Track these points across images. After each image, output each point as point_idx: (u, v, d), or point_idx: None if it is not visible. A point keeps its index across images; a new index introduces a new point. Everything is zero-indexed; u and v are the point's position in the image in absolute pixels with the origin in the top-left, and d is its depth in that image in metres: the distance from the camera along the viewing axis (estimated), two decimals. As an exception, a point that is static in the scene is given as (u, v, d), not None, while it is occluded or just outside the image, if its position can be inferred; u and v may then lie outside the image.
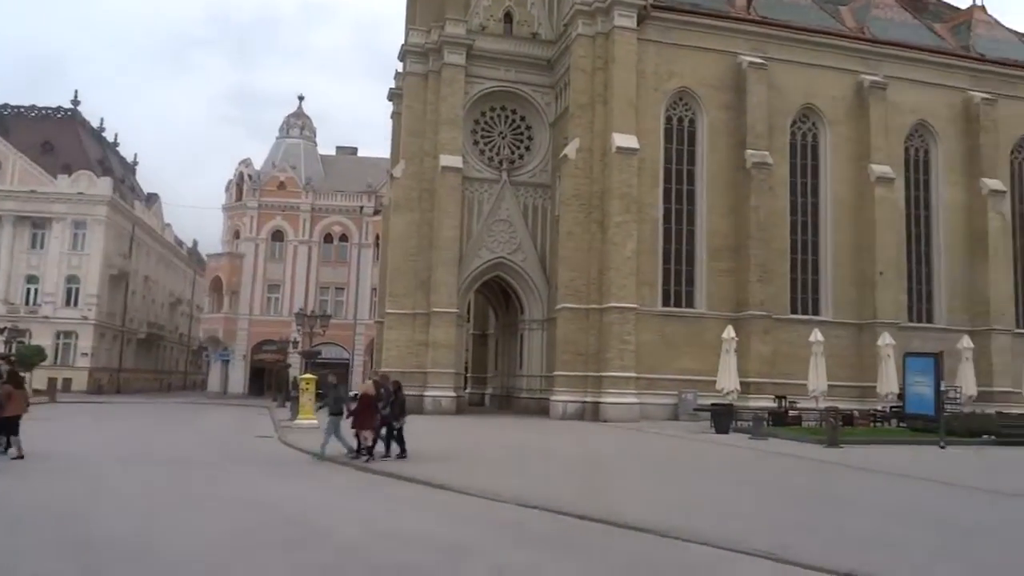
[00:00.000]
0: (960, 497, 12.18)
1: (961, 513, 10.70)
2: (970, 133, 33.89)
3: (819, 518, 9.73)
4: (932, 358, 23.50)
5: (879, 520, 9.65)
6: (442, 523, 8.97)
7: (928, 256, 33.62)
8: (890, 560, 7.32)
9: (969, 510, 11.02)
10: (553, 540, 8.18)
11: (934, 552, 7.86)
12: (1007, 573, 7.36)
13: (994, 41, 36.71)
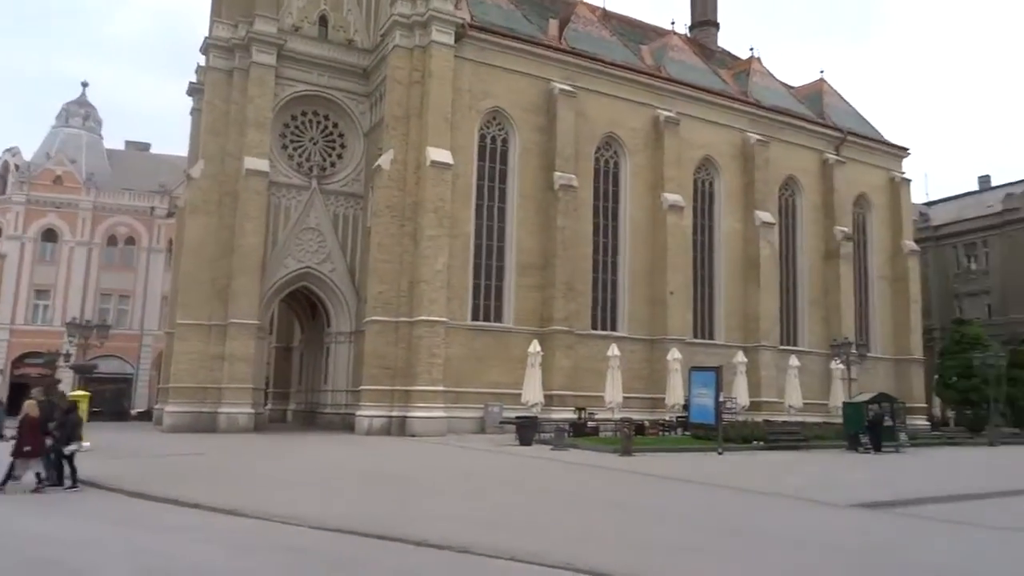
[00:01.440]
0: (742, 500, 13.30)
1: (748, 516, 11.65)
2: (747, 170, 37.80)
3: (613, 526, 10.12)
4: (713, 372, 25.73)
5: (666, 526, 10.24)
6: (222, 553, 8.21)
7: (711, 279, 36.91)
8: (677, 563, 7.72)
9: (756, 513, 12.04)
10: (346, 565, 7.77)
11: (722, 556, 8.41)
12: (762, 567, 8.03)
13: (768, 90, 41.38)
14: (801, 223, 40.23)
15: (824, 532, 10.23)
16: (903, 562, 8.28)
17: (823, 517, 11.60)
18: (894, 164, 44.41)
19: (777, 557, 8.35)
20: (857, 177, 42.18)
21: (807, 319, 39.41)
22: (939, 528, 10.87)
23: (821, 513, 11.96)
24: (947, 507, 12.76)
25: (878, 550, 9.04)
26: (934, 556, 8.76)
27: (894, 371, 41.61)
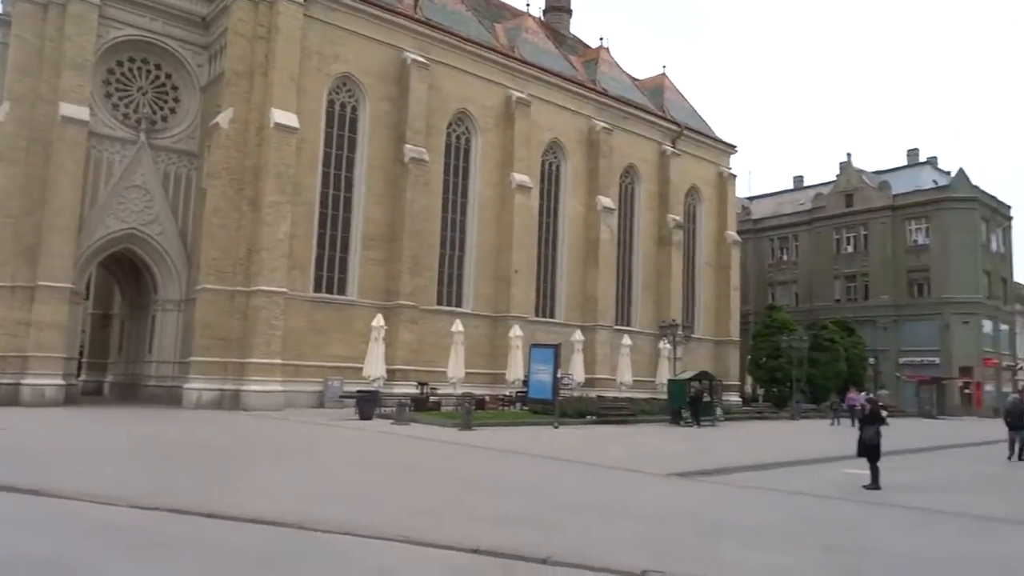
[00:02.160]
0: (573, 471, 13.92)
1: (578, 487, 12.21)
2: (592, 156, 39.21)
3: (450, 498, 10.28)
4: (552, 349, 26.67)
5: (501, 497, 10.54)
6: (32, 538, 7.48)
7: (554, 259, 38.09)
8: (511, 534, 7.97)
9: (586, 483, 12.64)
10: (175, 543, 7.35)
11: (551, 526, 8.77)
12: (580, 533, 8.51)
13: (614, 80, 43.01)
14: (639, 210, 42.39)
15: (645, 500, 10.96)
16: (710, 523, 9.05)
17: (645, 486, 12.42)
18: (723, 160, 47.80)
19: (600, 524, 8.85)
20: (690, 170, 45.02)
21: (640, 301, 41.74)
22: (745, 493, 11.97)
23: (644, 482, 12.79)
24: (753, 475, 14.10)
25: (690, 514, 9.82)
26: (737, 517, 9.64)
27: (714, 351, 45.14)
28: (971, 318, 51.09)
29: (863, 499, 11.49)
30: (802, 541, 8.29)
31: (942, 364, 50.62)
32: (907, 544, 8.43)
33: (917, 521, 9.94)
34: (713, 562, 7.13)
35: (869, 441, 12.55)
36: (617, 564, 6.84)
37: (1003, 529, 8.98)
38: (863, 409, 13.95)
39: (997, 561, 7.64)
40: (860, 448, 12.75)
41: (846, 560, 7.41)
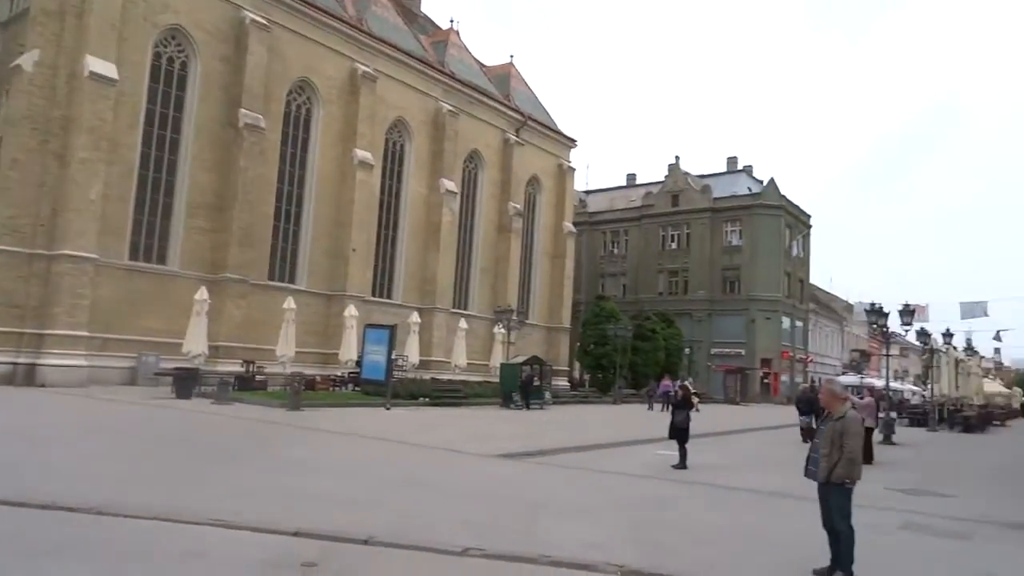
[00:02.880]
0: (400, 452, 13.88)
1: (402, 467, 12.18)
2: (437, 138, 39.07)
3: (269, 480, 9.91)
4: (387, 330, 26.38)
5: (324, 478, 10.32)
6: None
7: (395, 239, 37.65)
8: (332, 515, 7.82)
9: (410, 464, 12.63)
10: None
11: (373, 507, 8.69)
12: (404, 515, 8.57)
13: (463, 63, 43.05)
14: (481, 196, 42.84)
15: (471, 480, 11.18)
16: (531, 502, 9.40)
17: (472, 467, 12.65)
18: (564, 153, 49.38)
19: (424, 504, 8.91)
20: (532, 160, 46.11)
21: (478, 286, 42.30)
22: (566, 473, 12.53)
23: (471, 463, 13.02)
24: (574, 456, 14.78)
25: (513, 493, 10.14)
26: (557, 496, 10.09)
27: (546, 337, 46.71)
28: (772, 315, 56.52)
29: (671, 478, 12.40)
30: (613, 517, 8.80)
31: (747, 355, 55.65)
32: (704, 517, 9.20)
33: (715, 497, 10.88)
34: (530, 538, 7.40)
35: (679, 424, 13.54)
36: (439, 542, 6.93)
37: (785, 503, 10.04)
38: (675, 395, 14.99)
39: (774, 530, 8.52)
40: (671, 431, 13.73)
41: (650, 533, 7.97)
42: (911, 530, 8.85)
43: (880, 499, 10.88)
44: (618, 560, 6.63)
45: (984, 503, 11.29)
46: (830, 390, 6.95)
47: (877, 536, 8.05)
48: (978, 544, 8.38)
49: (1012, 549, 8.25)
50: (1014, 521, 9.71)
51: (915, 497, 11.54)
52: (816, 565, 6.50)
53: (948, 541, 8.46)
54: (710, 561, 6.88)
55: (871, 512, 9.45)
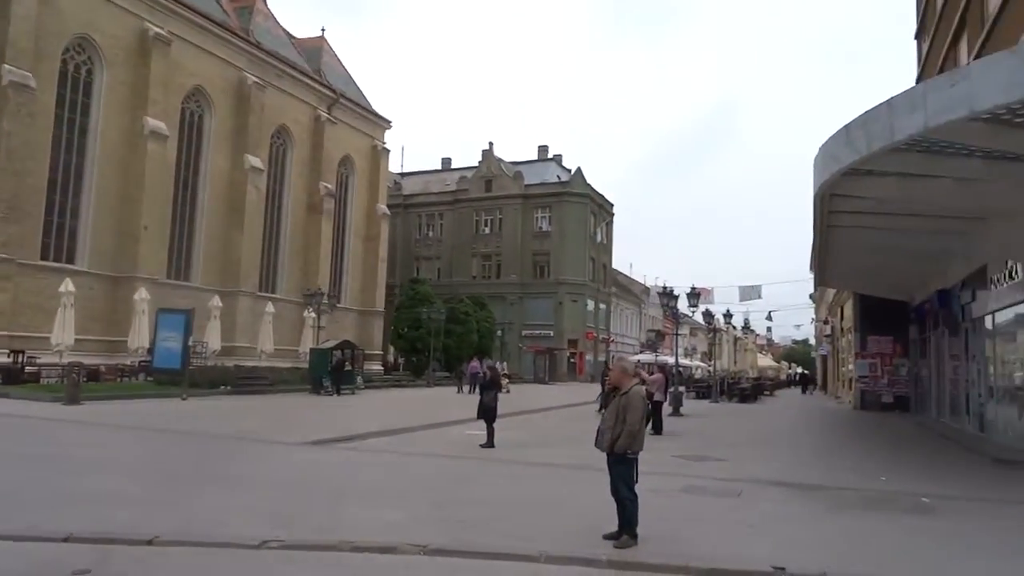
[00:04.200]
0: (198, 444, 13.01)
1: (197, 461, 11.41)
2: (241, 111, 36.81)
3: (37, 480, 8.90)
4: (184, 315, 24.59)
5: (103, 476, 9.45)
6: None
7: (192, 217, 35.08)
8: (112, 516, 7.18)
9: (214, 456, 11.86)
10: None
11: (159, 505, 8.07)
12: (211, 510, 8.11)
13: (270, 34, 40.85)
14: (290, 174, 41.05)
15: (275, 470, 10.74)
16: (336, 489, 9.21)
17: (277, 456, 12.16)
18: (378, 133, 48.54)
19: (221, 498, 8.45)
20: (345, 139, 44.88)
21: (287, 268, 40.60)
22: (374, 458, 12.42)
23: (275, 452, 12.51)
24: (384, 440, 14.68)
25: (319, 481, 9.89)
26: (363, 481, 9.98)
27: (360, 321, 45.90)
28: (579, 297, 59.56)
29: (478, 456, 12.69)
30: (418, 497, 8.85)
31: (555, 337, 58.22)
32: (507, 493, 9.52)
33: (519, 473, 11.29)
34: (333, 525, 7.24)
35: (487, 405, 13.87)
36: (234, 536, 6.59)
37: (583, 475, 10.62)
38: (484, 376, 15.33)
39: (572, 500, 9.01)
40: (479, 411, 14.03)
41: (454, 511, 8.11)
42: (690, 492, 9.73)
43: (666, 466, 11.85)
44: (422, 540, 6.67)
45: (752, 465, 12.66)
46: (621, 367, 7.43)
47: (661, 499, 8.77)
48: (745, 500, 9.38)
49: (772, 503, 9.32)
50: (775, 479, 10.98)
51: (696, 463, 12.70)
52: (606, 531, 6.94)
53: (721, 499, 9.40)
54: (511, 532, 7.13)
55: (658, 478, 10.26)
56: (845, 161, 11.89)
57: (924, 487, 10.53)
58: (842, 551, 6.96)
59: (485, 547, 6.63)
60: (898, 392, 30.30)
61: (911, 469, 12.95)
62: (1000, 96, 9.05)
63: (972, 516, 8.87)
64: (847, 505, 9.26)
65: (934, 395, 24.35)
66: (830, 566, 6.23)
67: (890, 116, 10.54)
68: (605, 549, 6.62)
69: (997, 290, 15.36)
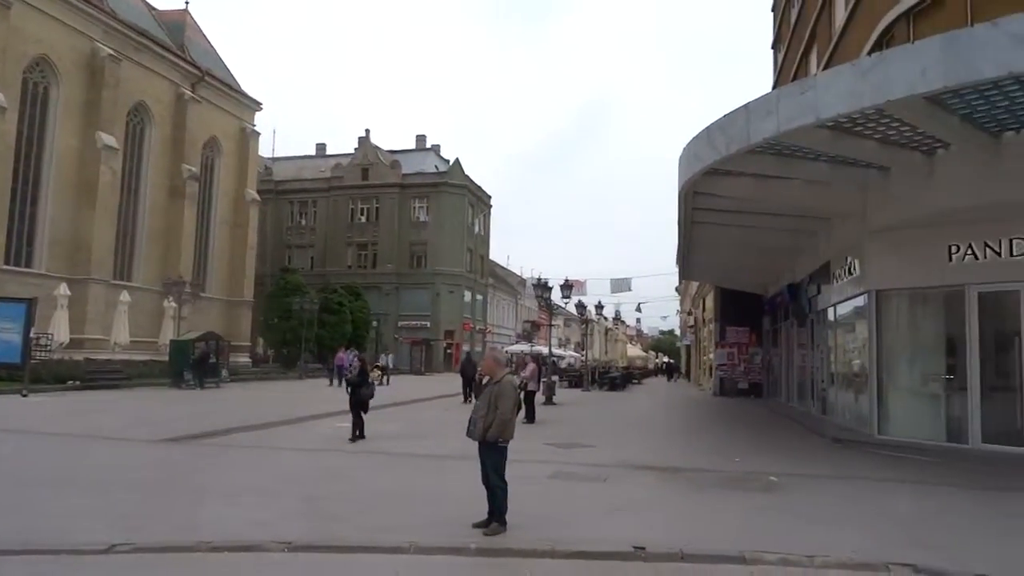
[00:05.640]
0: (37, 444, 11.98)
1: (41, 462, 10.51)
2: (94, 85, 34.11)
3: None
4: (24, 304, 22.57)
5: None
6: None
7: (35, 198, 32.22)
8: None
9: (53, 457, 10.94)
10: None
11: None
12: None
13: (127, 3, 38.03)
14: (149, 155, 38.52)
15: (128, 469, 10.08)
16: (197, 487, 8.77)
17: (130, 454, 11.42)
18: (247, 115, 46.39)
19: (66, 501, 7.84)
20: (211, 119, 42.59)
21: (145, 255, 38.12)
22: (239, 454, 11.90)
23: (129, 450, 11.75)
24: (250, 435, 14.11)
25: (177, 480, 9.37)
26: (227, 479, 9.55)
27: (226, 311, 43.81)
28: (456, 288, 59.61)
29: (348, 449, 12.45)
30: (285, 493, 8.57)
31: (432, 327, 58.03)
32: (377, 485, 9.39)
33: (390, 464, 11.17)
34: (191, 525, 6.89)
35: (358, 396, 13.60)
36: (79, 542, 6.14)
37: (455, 464, 10.65)
38: (352, 368, 14.99)
39: (443, 490, 9.01)
40: (351, 403, 13.75)
41: (322, 506, 7.92)
42: (560, 478, 9.97)
43: (538, 453, 12.09)
44: (286, 536, 6.47)
45: (619, 450, 13.16)
46: (494, 357, 7.50)
47: (531, 486, 8.94)
48: (611, 484, 9.73)
49: (636, 486, 9.73)
50: (639, 463, 11.46)
51: (565, 449, 13.04)
52: (476, 519, 6.99)
53: (588, 484, 9.70)
54: (379, 525, 7.04)
55: (529, 465, 10.46)
56: (707, 161, 12.54)
57: (773, 466, 11.32)
58: (699, 529, 7.37)
59: (353, 541, 6.52)
60: (752, 379, 32.44)
61: (762, 450, 13.88)
62: (842, 105, 9.82)
63: (813, 491, 9.62)
64: (705, 486, 9.80)
65: (784, 381, 26.23)
66: (687, 544, 6.56)
67: (747, 120, 11.20)
68: (475, 537, 6.67)
69: (838, 284, 16.72)
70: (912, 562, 6.20)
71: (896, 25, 14.71)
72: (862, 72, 9.64)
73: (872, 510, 8.52)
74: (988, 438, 12.41)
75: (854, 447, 13.79)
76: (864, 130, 11.03)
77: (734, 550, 6.43)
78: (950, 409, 13.29)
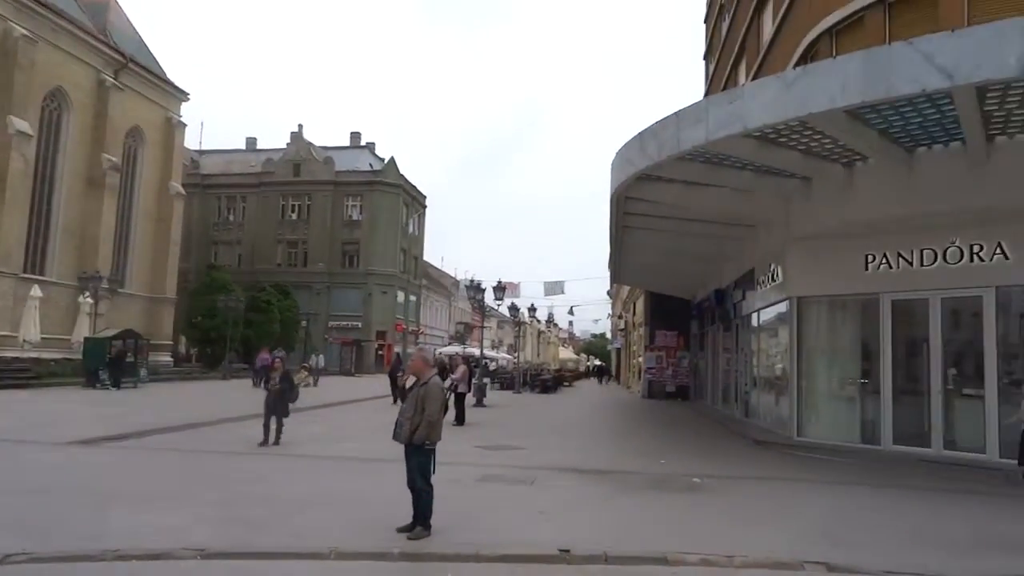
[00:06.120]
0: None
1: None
2: (5, 67, 32.27)
3: None
4: (-77, 297, 21.16)
5: None
6: None
7: (-62, 185, 30.28)
8: None
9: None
10: None
11: None
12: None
13: (44, -17, 36.13)
14: (66, 142, 36.65)
15: (30, 474, 9.52)
16: (107, 493, 8.35)
17: (34, 458, 10.79)
18: (173, 105, 44.72)
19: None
20: (134, 108, 40.88)
21: (59, 248, 36.22)
22: (153, 457, 11.42)
23: (33, 454, 11.11)
24: (167, 437, 13.56)
25: (85, 484, 8.90)
26: (139, 483, 9.13)
27: (148, 308, 42.06)
28: (389, 289, 58.96)
29: (269, 453, 12.08)
30: (201, 498, 8.24)
31: (363, 328, 57.20)
32: (298, 489, 9.11)
33: (313, 468, 10.88)
34: (97, 533, 6.53)
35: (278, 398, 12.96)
36: (-32, 553, 5.72)
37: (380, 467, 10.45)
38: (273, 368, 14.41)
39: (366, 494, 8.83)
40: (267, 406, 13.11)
41: (239, 511, 7.64)
42: (487, 481, 9.91)
43: (466, 456, 12.01)
44: (200, 543, 6.20)
45: (548, 452, 13.18)
46: (422, 357, 7.38)
47: (459, 489, 8.84)
48: (538, 487, 9.73)
49: (563, 488, 9.75)
50: (567, 466, 11.50)
51: (495, 452, 12.99)
52: (400, 524, 6.86)
53: (516, 487, 9.67)
54: (299, 531, 6.83)
55: (457, 468, 10.36)
56: (639, 166, 12.71)
57: (697, 467, 11.54)
58: (623, 531, 7.42)
59: (271, 547, 6.31)
60: (680, 382, 33.13)
61: (687, 452, 14.15)
62: (767, 116, 10.09)
63: (734, 492, 9.84)
64: (631, 488, 9.90)
65: (709, 384, 26.88)
66: (611, 545, 6.60)
67: (678, 127, 11.40)
68: (398, 542, 6.55)
69: (762, 291, 17.22)
70: (826, 560, 6.39)
71: (820, 41, 15.25)
72: (787, 84, 9.94)
73: (789, 510, 8.76)
74: (899, 440, 12.97)
75: (774, 449, 14.20)
76: (788, 141, 11.38)
77: (657, 551, 6.49)
78: (865, 412, 13.83)
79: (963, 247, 12.28)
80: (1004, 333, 12.01)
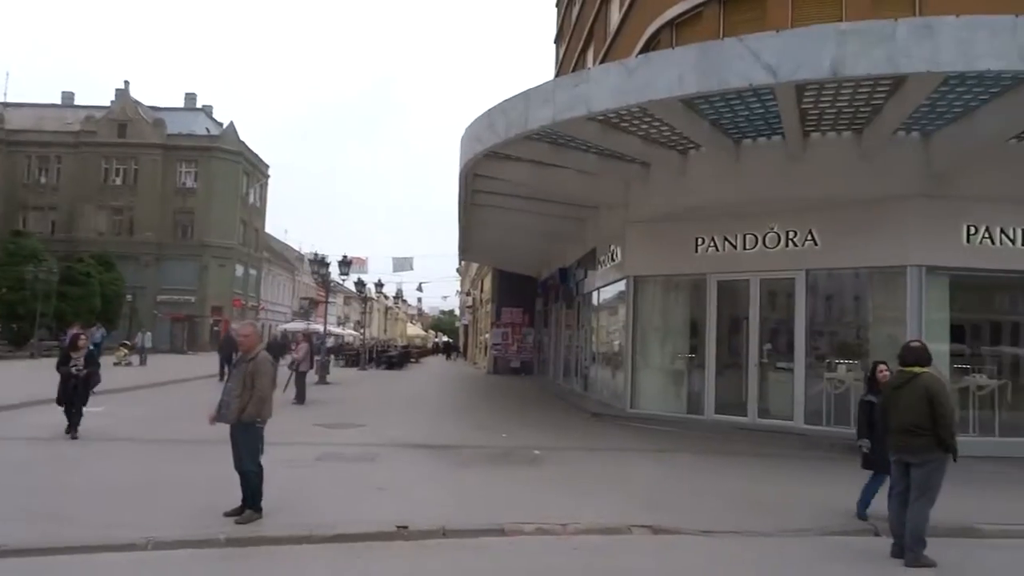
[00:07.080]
0: None
1: None
2: None
3: None
4: None
5: None
6: None
7: None
8: None
9: None
10: None
11: None
12: None
13: None
14: None
15: None
16: None
17: None
18: (-29, 49, 39.49)
19: None
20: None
21: None
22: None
23: None
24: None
25: None
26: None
27: (-63, 279, 37.18)
28: (226, 262, 55.74)
29: (86, 438, 11.03)
30: (1, 489, 7.40)
31: (197, 303, 53.77)
32: (116, 475, 8.40)
33: (132, 453, 10.08)
34: None
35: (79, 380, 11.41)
36: None
37: (206, 449, 9.88)
38: (72, 345, 12.74)
39: (191, 478, 8.30)
40: (60, 390, 11.56)
41: (43, 502, 6.94)
42: (326, 460, 9.63)
43: (305, 435, 11.62)
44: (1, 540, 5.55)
45: (390, 429, 13.02)
46: (253, 328, 6.99)
47: (295, 469, 8.53)
48: (379, 464, 9.58)
49: (404, 465, 9.66)
50: (410, 442, 11.42)
51: (336, 430, 12.66)
52: (228, 508, 6.50)
53: (356, 465, 9.46)
54: (114, 521, 6.28)
55: (295, 447, 10.01)
56: (487, 143, 12.73)
57: (537, 440, 11.85)
58: (463, 505, 7.46)
59: (78, 540, 5.76)
60: (524, 358, 33.94)
61: (528, 426, 14.50)
62: (610, 101, 10.40)
63: (569, 463, 10.19)
64: (472, 462, 9.99)
65: (552, 360, 27.72)
66: (450, 520, 6.61)
67: (526, 106, 11.51)
68: (226, 527, 6.20)
69: (602, 270, 17.90)
70: (651, 523, 6.76)
71: (662, 32, 15.94)
72: (629, 71, 10.28)
73: (619, 478, 9.21)
74: (720, 409, 14.00)
75: (609, 421, 14.89)
76: (630, 126, 11.81)
77: (495, 523, 6.59)
78: (691, 385, 14.80)
79: (780, 233, 13.37)
80: (812, 313, 13.24)
